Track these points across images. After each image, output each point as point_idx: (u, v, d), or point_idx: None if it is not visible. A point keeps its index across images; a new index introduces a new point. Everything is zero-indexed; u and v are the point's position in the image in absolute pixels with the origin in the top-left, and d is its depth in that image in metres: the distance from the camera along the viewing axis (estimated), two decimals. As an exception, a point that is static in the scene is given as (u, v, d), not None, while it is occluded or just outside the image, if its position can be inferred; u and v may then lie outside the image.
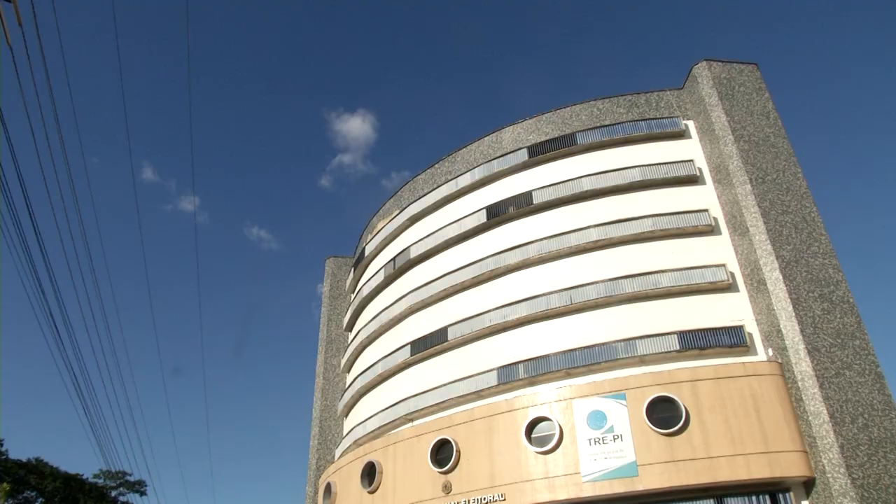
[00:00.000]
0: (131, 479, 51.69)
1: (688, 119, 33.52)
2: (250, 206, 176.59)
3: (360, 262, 44.85)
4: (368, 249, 43.54)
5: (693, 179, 31.40)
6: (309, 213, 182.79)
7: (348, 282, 47.84)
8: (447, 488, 27.67)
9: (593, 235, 30.80)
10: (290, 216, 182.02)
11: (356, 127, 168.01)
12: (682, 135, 33.06)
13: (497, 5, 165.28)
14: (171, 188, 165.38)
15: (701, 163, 31.91)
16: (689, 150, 32.50)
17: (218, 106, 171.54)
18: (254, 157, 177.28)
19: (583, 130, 34.30)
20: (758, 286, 26.94)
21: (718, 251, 29.21)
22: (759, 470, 23.03)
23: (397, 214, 41.03)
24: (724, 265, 28.32)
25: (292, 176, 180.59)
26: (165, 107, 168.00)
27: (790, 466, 23.00)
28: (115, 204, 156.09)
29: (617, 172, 32.12)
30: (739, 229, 28.57)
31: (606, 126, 33.96)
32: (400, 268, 38.81)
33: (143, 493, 54.77)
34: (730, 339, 26.55)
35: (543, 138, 35.38)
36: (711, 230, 29.75)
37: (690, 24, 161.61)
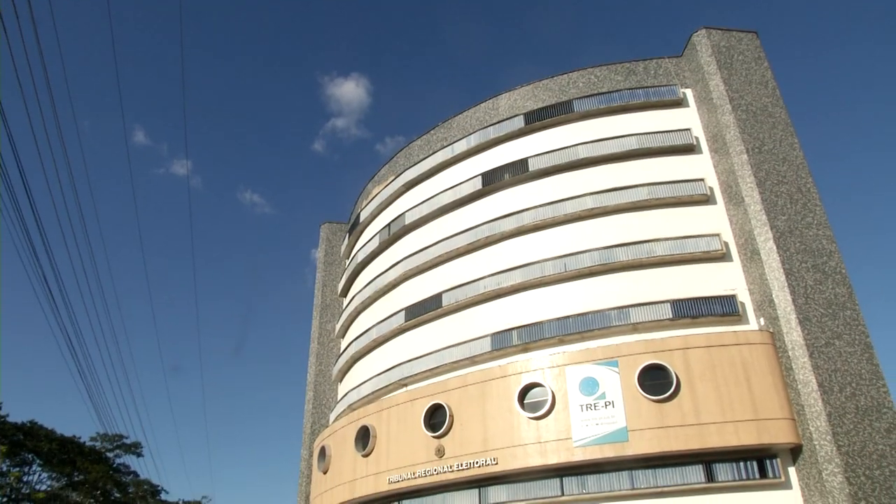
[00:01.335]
0: (127, 441, 52.20)
1: (686, 87, 33.35)
2: (243, 170, 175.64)
3: (355, 228, 44.84)
4: (363, 215, 43.50)
5: (690, 148, 31.35)
6: (302, 177, 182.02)
7: (343, 247, 47.88)
8: (440, 452, 28.05)
9: (588, 203, 30.82)
10: (284, 181, 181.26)
11: (350, 91, 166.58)
12: (679, 103, 32.92)
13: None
14: (163, 151, 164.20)
15: (698, 132, 31.84)
16: (687, 118, 32.41)
17: (210, 68, 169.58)
18: (246, 120, 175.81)
19: (580, 98, 34.12)
20: (751, 256, 27.09)
21: (713, 221, 29.30)
22: (747, 437, 23.41)
23: (392, 180, 40.91)
24: (718, 235, 28.43)
25: (285, 140, 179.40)
26: (157, 69, 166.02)
27: (778, 433, 23.39)
28: (106, 167, 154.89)
29: (613, 140, 32.04)
30: (734, 199, 28.62)
31: (603, 94, 33.77)
32: (395, 234, 38.83)
33: (139, 455, 55.38)
34: (722, 308, 26.78)
35: (540, 105, 35.18)
36: (707, 200, 29.80)
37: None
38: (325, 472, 34.88)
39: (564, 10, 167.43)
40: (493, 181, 34.42)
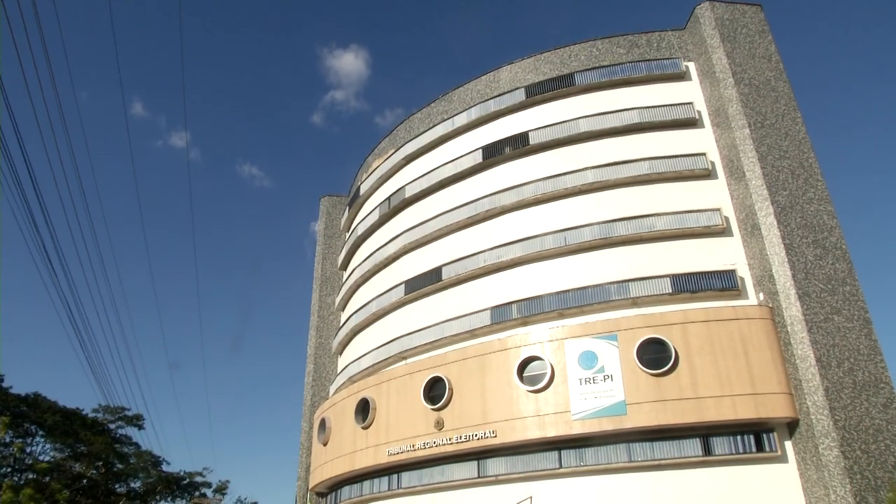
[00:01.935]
0: (129, 413, 52.55)
1: (689, 61, 33.05)
2: (241, 142, 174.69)
3: (355, 202, 44.75)
4: (363, 188, 43.38)
5: (692, 122, 31.16)
6: (301, 150, 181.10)
7: (343, 221, 47.82)
8: (439, 424, 28.25)
9: (589, 177, 30.71)
10: (282, 154, 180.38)
11: (349, 63, 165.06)
12: (682, 77, 32.65)
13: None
14: (161, 123, 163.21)
15: (700, 106, 31.62)
16: (689, 92, 32.16)
17: (208, 39, 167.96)
18: (244, 91, 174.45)
19: (581, 71, 33.83)
20: (752, 231, 27.06)
21: (714, 195, 29.22)
22: (745, 410, 23.57)
23: (392, 153, 40.73)
24: (719, 210, 28.36)
25: (283, 112, 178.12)
26: (154, 40, 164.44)
27: (775, 408, 23.55)
28: (104, 139, 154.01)
29: (615, 114, 31.83)
30: (736, 174, 28.52)
31: (605, 67, 33.48)
32: (395, 207, 38.75)
33: (140, 427, 55.78)
34: (721, 283, 26.81)
35: (541, 78, 34.89)
36: (708, 174, 29.68)
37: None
38: (325, 444, 35.18)
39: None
40: (493, 155, 34.27)
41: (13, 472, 41.31)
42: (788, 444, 23.91)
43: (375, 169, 42.24)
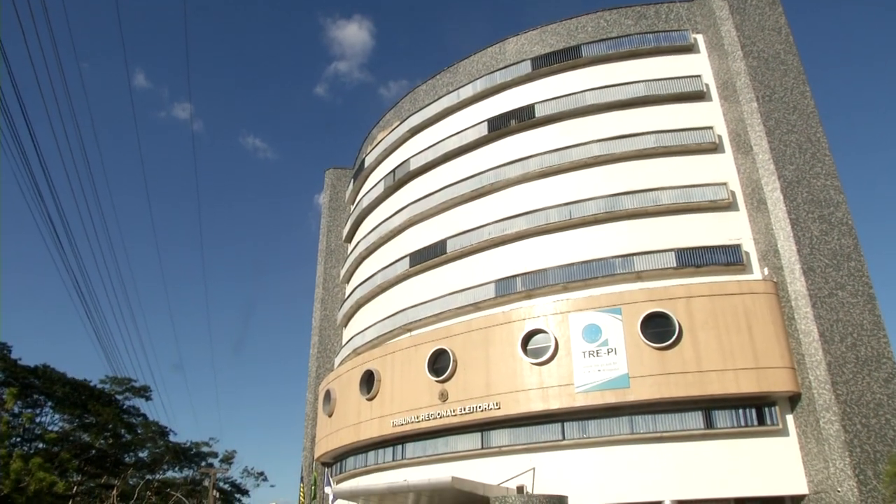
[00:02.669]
0: (136, 385, 52.98)
1: (697, 33, 32.66)
2: (244, 114, 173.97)
3: (360, 174, 44.66)
4: (368, 161, 43.26)
5: (699, 95, 30.89)
6: (304, 122, 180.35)
7: (348, 193, 47.77)
8: (444, 396, 28.48)
9: (595, 151, 30.56)
10: (286, 125, 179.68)
11: (352, 34, 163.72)
12: (690, 49, 32.29)
13: None
14: (163, 95, 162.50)
15: (708, 79, 31.33)
16: (697, 65, 31.84)
17: (210, 9, 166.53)
18: (246, 62, 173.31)
19: (588, 43, 33.48)
20: (758, 205, 26.98)
21: (720, 169, 29.08)
22: (747, 384, 23.71)
23: (397, 126, 40.55)
24: (725, 184, 28.25)
25: (286, 83, 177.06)
26: (155, 10, 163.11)
27: (778, 382, 23.68)
28: (107, 111, 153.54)
29: (621, 87, 31.56)
30: (743, 148, 28.35)
31: (613, 39, 33.12)
32: (400, 180, 38.68)
33: (147, 399, 56.27)
34: (726, 258, 26.80)
35: (548, 50, 34.56)
36: (715, 148, 29.51)
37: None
38: (330, 415, 35.52)
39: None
40: (499, 127, 34.09)
41: (23, 441, 41.85)
42: (790, 418, 24.08)
43: (380, 141, 42.09)
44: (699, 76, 31.11)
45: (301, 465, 41.60)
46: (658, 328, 25.11)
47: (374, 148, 42.83)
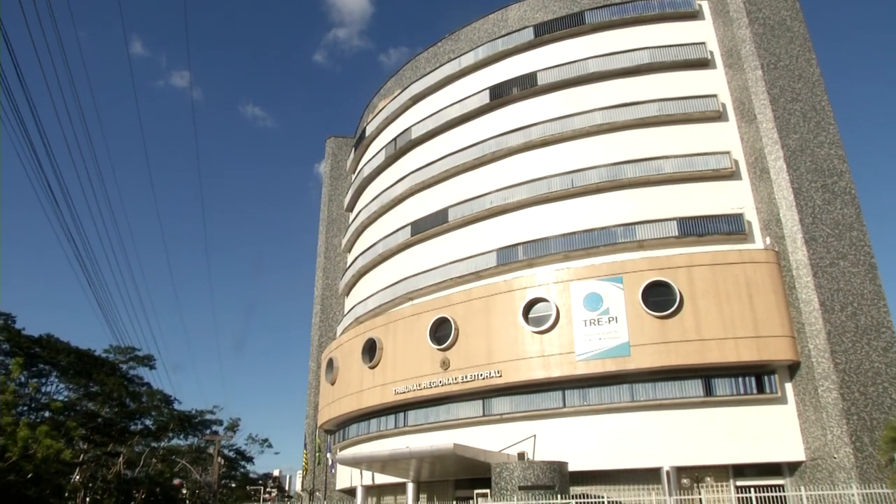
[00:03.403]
0: (140, 354, 53.18)
1: (702, -1, 32.23)
2: (243, 82, 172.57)
3: (361, 142, 44.43)
4: (369, 129, 43.02)
5: (703, 63, 30.58)
6: (303, 90, 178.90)
7: (349, 162, 47.58)
8: (445, 364, 28.69)
9: (597, 119, 30.36)
10: (285, 94, 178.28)
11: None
12: (695, 15, 31.89)
13: None
14: (161, 63, 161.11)
15: (713, 46, 30.97)
16: (702, 32, 31.45)
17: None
18: (243, 28, 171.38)
19: (592, 9, 33.06)
20: (760, 175, 26.87)
21: (724, 138, 28.90)
22: (747, 353, 23.87)
23: (399, 94, 40.24)
24: (728, 153, 28.10)
25: (284, 50, 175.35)
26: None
27: (777, 350, 23.84)
28: (105, 80, 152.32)
29: (625, 54, 31.24)
30: (747, 116, 28.15)
31: (617, 4, 32.68)
32: (401, 148, 38.50)
33: (152, 368, 56.51)
34: (728, 227, 26.78)
35: (550, 17, 34.14)
36: (718, 116, 29.29)
37: None
38: (332, 383, 35.82)
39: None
40: (500, 95, 33.83)
41: (29, 410, 42.20)
42: (788, 386, 24.28)
43: (381, 110, 41.81)
44: (704, 43, 30.77)
45: (304, 432, 42.05)
46: (659, 297, 25.20)
47: (375, 116, 42.56)
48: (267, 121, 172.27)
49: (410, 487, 28.52)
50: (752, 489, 21.66)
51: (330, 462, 36.65)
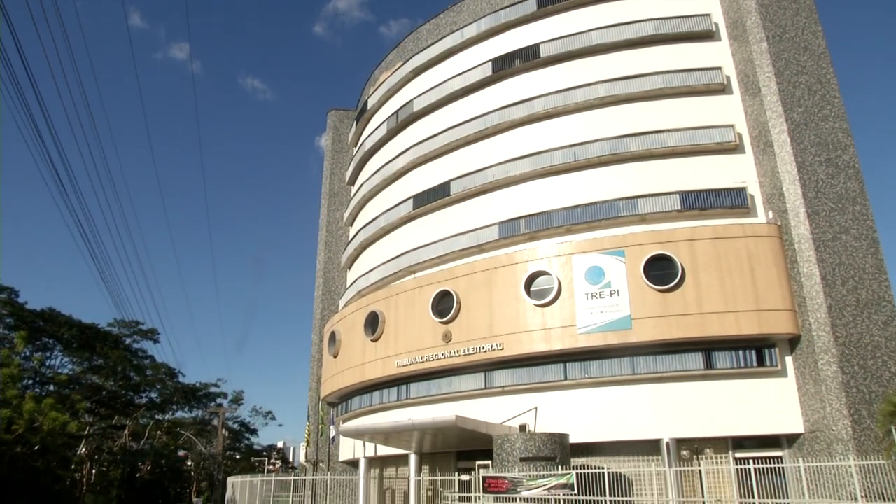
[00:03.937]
0: (144, 328, 53.43)
1: (707, -31, 31.79)
2: (242, 54, 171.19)
3: (363, 115, 44.21)
4: (371, 102, 42.77)
5: (708, 35, 30.30)
6: (303, 62, 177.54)
7: (350, 135, 47.39)
8: (447, 337, 28.83)
9: (601, 92, 30.17)
10: (285, 66, 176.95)
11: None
12: (699, -14, 31.49)
13: None
14: (160, 35, 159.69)
15: (718, 17, 30.65)
16: (706, 3, 31.11)
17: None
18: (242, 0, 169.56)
19: (596, -21, 32.65)
20: (764, 148, 26.75)
21: (728, 111, 28.72)
22: (748, 326, 23.96)
23: (400, 66, 39.95)
24: (732, 126, 27.94)
25: (284, 22, 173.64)
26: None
27: (778, 324, 23.92)
28: (103, 53, 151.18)
29: (629, 26, 30.94)
30: (751, 89, 27.94)
31: (621, -25, 32.28)
32: (403, 121, 38.31)
33: (155, 341, 56.85)
34: (731, 201, 26.73)
35: (554, -13, 33.73)
36: (722, 89, 29.09)
37: None
38: (335, 356, 36.04)
39: None
40: (503, 67, 33.58)
41: (34, 384, 42.54)
42: (789, 360, 24.41)
43: (383, 82, 41.53)
44: (708, 14, 30.46)
45: (307, 405, 42.39)
46: (661, 270, 25.23)
47: (376, 89, 42.30)
48: (267, 94, 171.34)
49: (413, 459, 28.81)
50: (751, 461, 21.90)
51: (333, 434, 36.99)
